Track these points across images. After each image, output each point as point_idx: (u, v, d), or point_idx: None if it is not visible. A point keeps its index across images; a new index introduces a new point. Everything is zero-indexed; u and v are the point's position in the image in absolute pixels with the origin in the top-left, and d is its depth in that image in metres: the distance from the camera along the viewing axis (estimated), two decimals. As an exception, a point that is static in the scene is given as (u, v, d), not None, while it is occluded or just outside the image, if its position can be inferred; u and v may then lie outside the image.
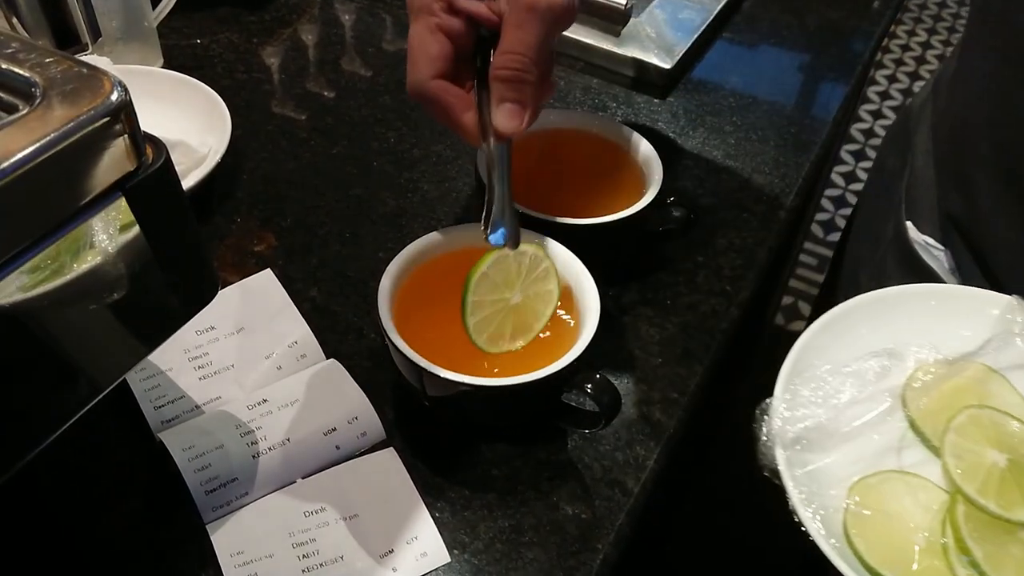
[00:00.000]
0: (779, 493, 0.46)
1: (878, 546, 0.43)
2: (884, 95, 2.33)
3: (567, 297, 0.51)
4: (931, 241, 0.67)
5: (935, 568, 0.43)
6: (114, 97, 0.32)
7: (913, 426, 0.49)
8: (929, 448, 0.48)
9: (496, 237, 0.46)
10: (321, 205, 0.66)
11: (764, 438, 0.48)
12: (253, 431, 0.48)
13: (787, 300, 1.71)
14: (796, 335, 0.52)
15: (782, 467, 0.46)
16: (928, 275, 0.67)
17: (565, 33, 0.81)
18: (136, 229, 0.35)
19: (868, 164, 2.08)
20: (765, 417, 0.49)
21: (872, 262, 0.75)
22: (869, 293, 0.54)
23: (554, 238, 0.52)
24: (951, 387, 0.49)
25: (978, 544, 0.43)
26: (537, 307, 0.49)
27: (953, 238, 0.65)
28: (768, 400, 0.49)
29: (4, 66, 0.32)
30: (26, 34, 0.66)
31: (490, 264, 0.47)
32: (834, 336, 0.52)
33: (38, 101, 0.31)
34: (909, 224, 0.69)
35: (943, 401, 0.49)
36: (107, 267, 0.35)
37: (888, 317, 0.53)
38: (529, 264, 0.49)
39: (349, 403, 0.51)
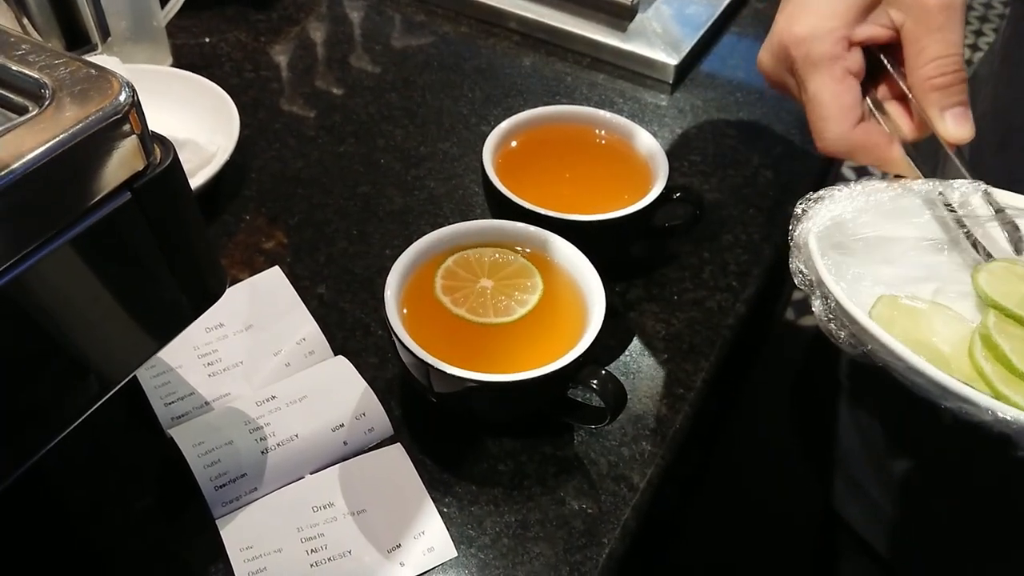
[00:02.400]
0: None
1: (906, 342, 0.41)
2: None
3: (573, 293, 0.51)
4: None
5: (962, 364, 0.42)
6: (122, 98, 0.33)
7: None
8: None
9: None
10: (329, 203, 0.66)
11: (797, 232, 0.46)
12: (262, 427, 0.49)
13: (798, 295, 1.70)
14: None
15: (812, 249, 0.44)
16: None
17: (571, 28, 0.82)
18: (145, 227, 0.35)
19: (878, 158, 2.07)
20: (804, 212, 0.47)
21: None
22: None
23: (559, 234, 0.53)
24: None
25: (1006, 340, 0.42)
26: (515, 292, 0.51)
27: None
28: (807, 202, 0.48)
29: (14, 68, 0.33)
30: (37, 35, 0.66)
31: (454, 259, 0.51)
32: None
33: (47, 102, 0.32)
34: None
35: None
36: (116, 265, 0.35)
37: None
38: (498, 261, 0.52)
39: (357, 399, 0.51)
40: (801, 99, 0.53)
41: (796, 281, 0.46)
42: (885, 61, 0.50)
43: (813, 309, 0.44)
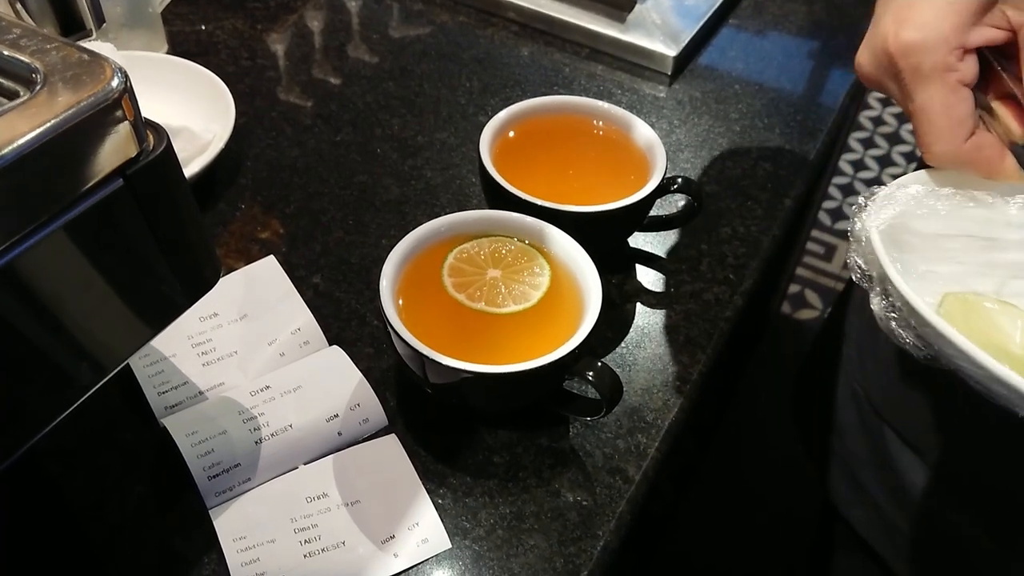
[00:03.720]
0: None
1: (975, 338, 0.39)
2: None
3: (570, 284, 0.51)
4: None
5: None
6: (115, 83, 0.32)
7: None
8: None
9: None
10: (324, 192, 0.66)
11: (859, 226, 0.44)
12: (256, 417, 0.48)
13: (794, 289, 1.70)
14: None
15: (877, 246, 0.42)
16: None
17: (569, 19, 0.82)
18: (138, 214, 0.35)
19: (876, 152, 2.07)
20: (863, 212, 0.45)
21: None
22: None
23: (557, 225, 0.52)
24: None
25: None
26: (520, 284, 0.51)
27: None
28: (868, 193, 0.46)
29: (5, 52, 0.32)
30: (31, 21, 0.66)
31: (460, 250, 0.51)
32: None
33: (39, 87, 0.31)
34: None
35: None
36: (109, 252, 0.35)
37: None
38: (513, 253, 0.52)
39: (351, 390, 0.51)
40: (906, 107, 0.49)
41: (854, 277, 0.44)
42: (995, 62, 0.46)
43: (872, 307, 0.43)
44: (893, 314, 0.42)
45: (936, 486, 0.61)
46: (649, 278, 0.61)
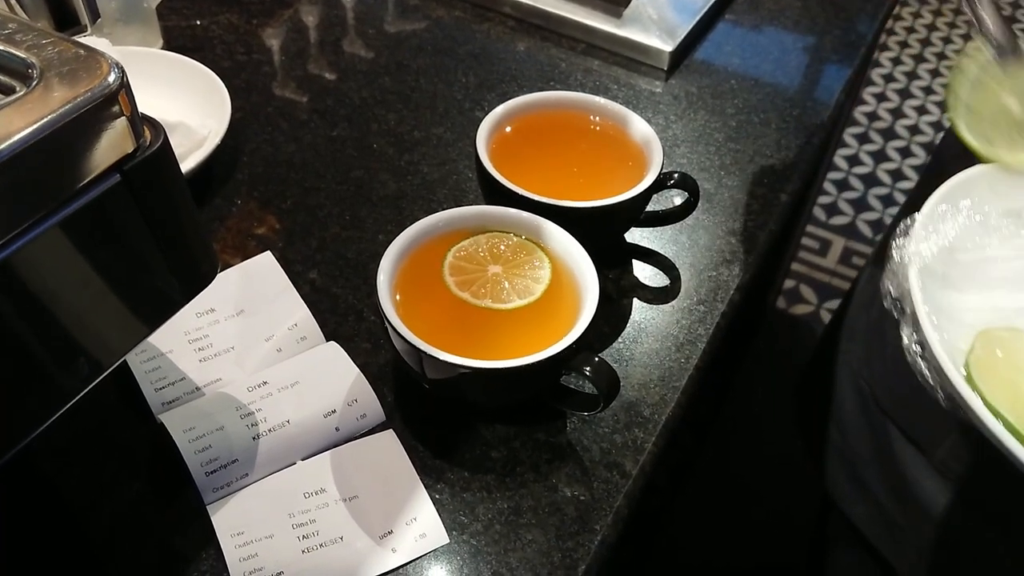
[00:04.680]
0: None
1: (1002, 392, 0.40)
2: (888, 78, 2.32)
3: (567, 279, 0.51)
4: None
5: None
6: (111, 78, 0.32)
7: None
8: None
9: None
10: (321, 187, 0.66)
11: (897, 259, 0.44)
12: (253, 413, 0.48)
13: (789, 284, 1.70)
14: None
15: (913, 287, 0.42)
16: None
17: (565, 14, 0.81)
18: (135, 210, 0.35)
19: (871, 147, 2.07)
20: (902, 239, 0.45)
21: None
22: None
23: (554, 221, 0.52)
24: None
25: None
26: (522, 278, 0.51)
27: None
28: (909, 220, 0.46)
29: (1, 47, 0.32)
30: (25, 16, 0.66)
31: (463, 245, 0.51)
32: (988, 187, 0.48)
33: (35, 82, 0.31)
34: None
35: None
36: (106, 248, 0.35)
37: None
38: (512, 248, 0.51)
39: (349, 385, 0.51)
40: None
41: (884, 302, 0.44)
42: None
43: (903, 336, 0.43)
44: (919, 350, 0.42)
45: (940, 484, 0.61)
46: (646, 273, 0.61)
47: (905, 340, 0.43)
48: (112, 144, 0.33)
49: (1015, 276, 0.46)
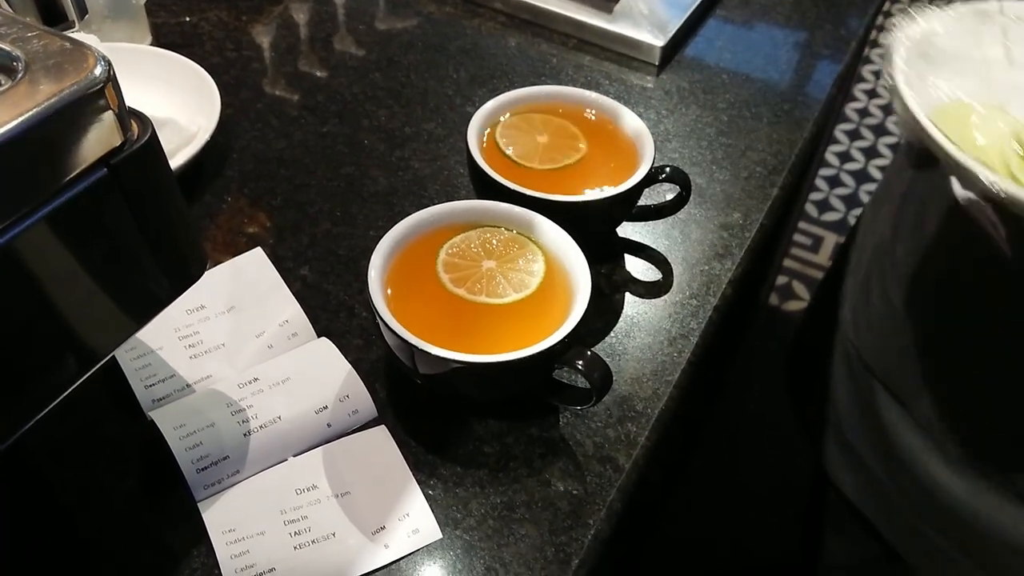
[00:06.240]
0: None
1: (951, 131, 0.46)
2: (879, 75, 2.33)
3: (559, 274, 0.51)
4: None
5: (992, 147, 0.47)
6: (98, 71, 0.32)
7: None
8: None
9: None
10: (312, 184, 0.65)
11: (889, 39, 0.53)
12: (244, 409, 0.48)
13: (781, 280, 1.71)
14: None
15: (897, 56, 0.52)
16: None
17: (556, 9, 0.81)
18: (123, 205, 0.35)
19: (863, 144, 2.08)
20: (896, 25, 0.54)
21: None
22: None
23: (546, 215, 0.52)
24: None
25: None
26: (517, 272, 0.51)
27: None
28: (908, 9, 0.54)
29: (-15, 41, 0.32)
30: (11, 11, 0.65)
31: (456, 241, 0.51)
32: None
33: (20, 76, 0.31)
34: None
35: None
36: (93, 242, 0.34)
37: None
38: (504, 242, 0.51)
39: (340, 381, 0.50)
40: None
41: (881, 87, 0.52)
42: None
43: (884, 76, 0.52)
44: (890, 82, 0.51)
45: (921, 440, 0.64)
46: (638, 267, 0.61)
47: (897, 109, 0.50)
48: (99, 138, 0.33)
49: (1002, 67, 0.54)
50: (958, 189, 0.66)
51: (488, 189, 0.55)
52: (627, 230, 0.64)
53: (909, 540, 0.71)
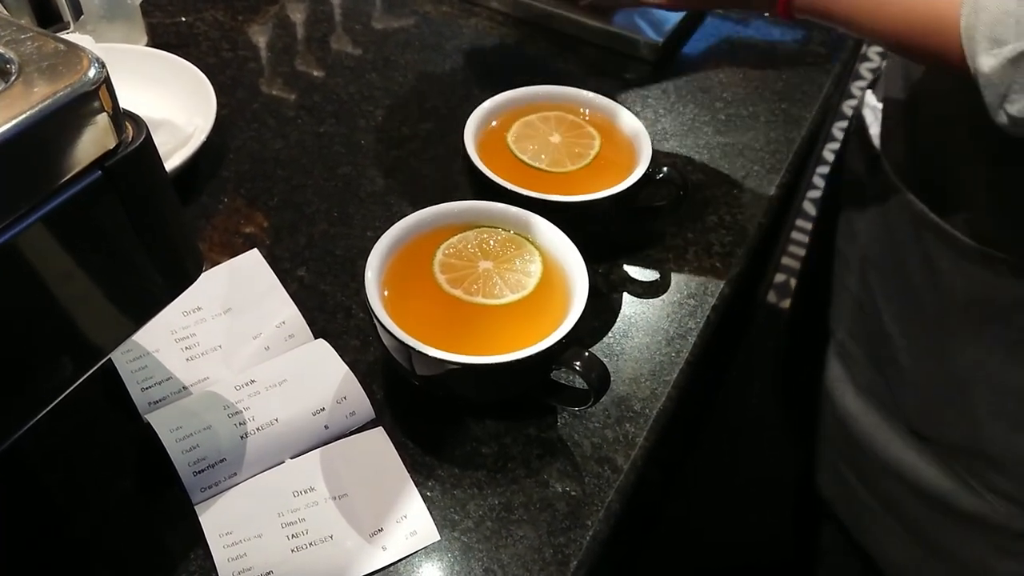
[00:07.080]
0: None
1: None
2: (877, 72, 2.33)
3: (556, 275, 0.51)
4: None
5: None
6: (92, 73, 0.32)
7: None
8: None
9: None
10: (308, 184, 0.65)
11: None
12: (241, 411, 0.48)
13: (779, 278, 1.70)
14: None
15: None
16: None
17: (553, 8, 0.81)
18: (118, 207, 0.35)
19: (860, 141, 2.07)
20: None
21: None
22: None
23: (543, 215, 0.52)
24: None
25: None
26: (514, 272, 0.50)
27: None
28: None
29: (-21, 43, 0.32)
30: (6, 12, 0.65)
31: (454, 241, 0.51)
32: None
33: (13, 78, 0.31)
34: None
35: None
36: (89, 245, 0.34)
37: None
38: (500, 243, 0.51)
39: (337, 383, 0.50)
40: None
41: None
42: None
43: None
44: None
45: (839, 371, 0.73)
46: (636, 267, 0.61)
47: None
48: (93, 140, 0.32)
49: None
50: None
51: (485, 189, 0.55)
52: (625, 229, 0.63)
53: (842, 495, 0.76)
